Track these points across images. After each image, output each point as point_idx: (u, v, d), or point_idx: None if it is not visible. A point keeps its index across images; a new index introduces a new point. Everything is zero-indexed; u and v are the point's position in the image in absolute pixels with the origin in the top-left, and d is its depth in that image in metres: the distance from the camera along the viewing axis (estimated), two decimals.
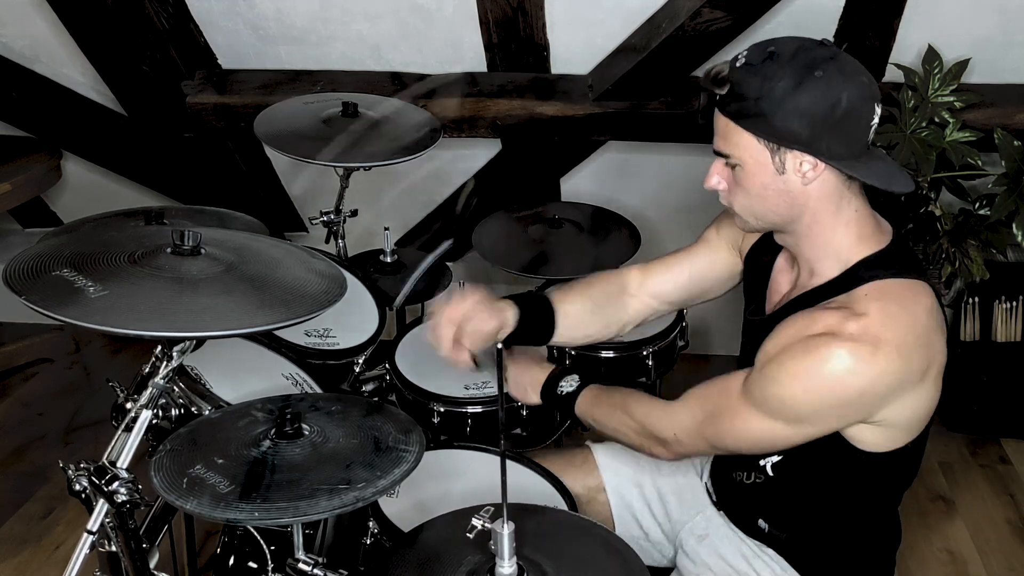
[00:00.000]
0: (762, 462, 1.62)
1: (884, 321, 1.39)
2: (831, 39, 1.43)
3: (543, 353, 1.90)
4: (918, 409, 1.47)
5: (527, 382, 1.82)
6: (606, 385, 1.75)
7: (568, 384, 1.77)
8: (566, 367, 1.83)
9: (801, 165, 1.41)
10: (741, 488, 1.69)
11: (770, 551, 1.66)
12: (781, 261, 1.63)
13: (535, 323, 1.77)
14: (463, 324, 1.69)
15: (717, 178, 1.50)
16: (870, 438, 1.47)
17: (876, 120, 1.41)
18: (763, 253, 1.67)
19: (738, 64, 1.41)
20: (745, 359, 1.64)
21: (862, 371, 1.38)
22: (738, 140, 1.43)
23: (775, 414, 1.45)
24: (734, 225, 1.60)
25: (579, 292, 1.84)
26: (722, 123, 1.44)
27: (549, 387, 1.78)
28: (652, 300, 1.85)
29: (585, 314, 1.82)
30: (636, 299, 1.85)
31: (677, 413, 1.60)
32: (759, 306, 1.65)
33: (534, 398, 1.82)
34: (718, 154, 1.48)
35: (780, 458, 1.59)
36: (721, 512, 1.76)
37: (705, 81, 1.45)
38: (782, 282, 1.62)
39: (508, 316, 1.72)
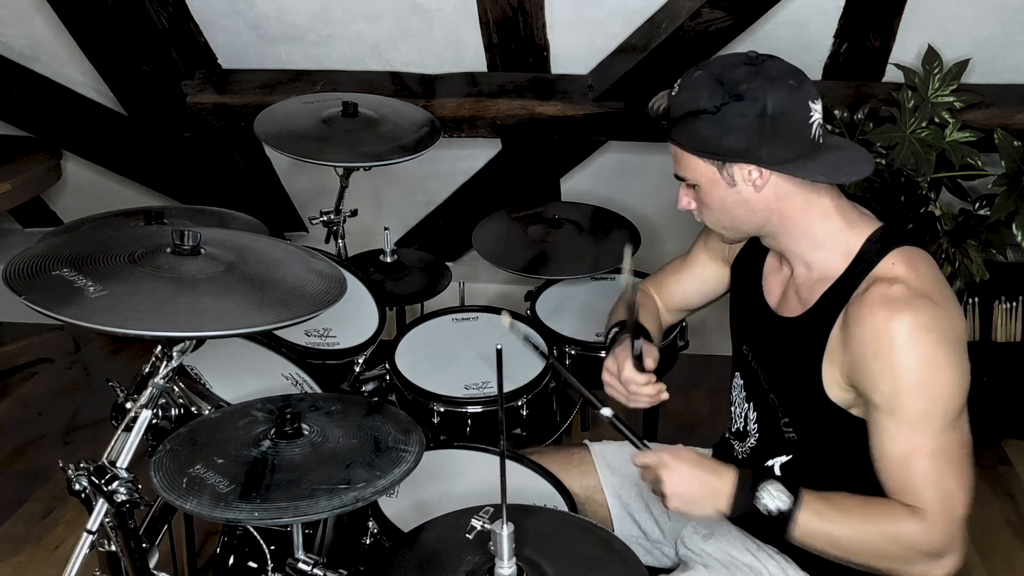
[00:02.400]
0: (770, 463, 1.63)
1: (920, 279, 1.44)
2: (755, 52, 1.49)
3: (696, 455, 1.54)
4: (965, 384, 1.48)
5: (704, 498, 1.48)
6: (815, 492, 1.46)
7: (774, 497, 1.44)
8: (751, 471, 1.50)
9: (749, 174, 1.47)
10: None
11: (770, 548, 1.66)
12: (770, 261, 1.66)
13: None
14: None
15: (686, 199, 1.58)
16: None
17: (816, 116, 1.45)
18: (751, 257, 1.71)
19: (673, 93, 1.49)
20: (759, 358, 1.65)
21: (939, 322, 1.40)
22: (687, 163, 1.50)
23: (948, 414, 1.41)
24: (717, 238, 1.67)
25: (644, 312, 1.85)
26: (673, 149, 1.53)
27: (742, 501, 1.46)
28: (670, 314, 1.95)
29: (656, 329, 1.86)
30: (663, 315, 1.94)
31: (924, 512, 1.40)
32: (761, 306, 1.65)
33: (714, 514, 1.49)
34: (678, 178, 1.55)
35: (789, 458, 1.60)
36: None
37: (651, 113, 1.53)
38: (774, 283, 1.64)
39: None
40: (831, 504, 1.45)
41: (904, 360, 1.40)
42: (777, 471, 1.61)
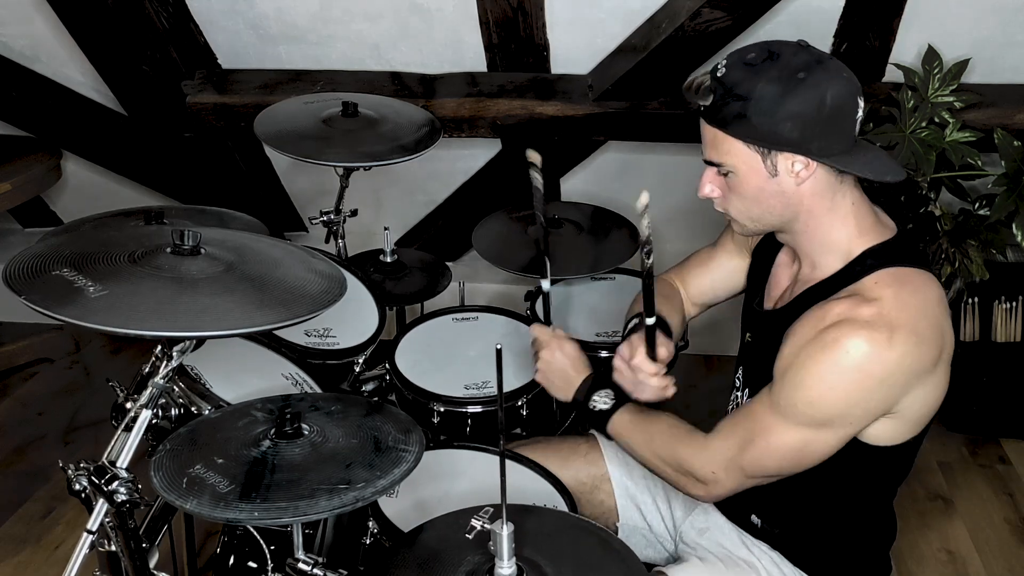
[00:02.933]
0: None
1: (897, 306, 1.40)
2: (805, 40, 1.45)
3: (577, 351, 1.80)
4: (929, 399, 1.48)
5: (558, 379, 1.77)
6: (638, 406, 1.69)
7: (602, 400, 1.70)
8: (599, 376, 1.74)
9: (793, 165, 1.43)
10: None
11: (764, 544, 1.67)
12: (782, 256, 1.66)
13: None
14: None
15: (710, 187, 1.54)
16: (883, 432, 1.48)
17: (861, 113, 1.44)
18: (767, 248, 1.70)
19: (719, 74, 1.43)
20: (750, 349, 1.65)
21: (881, 356, 1.38)
22: (728, 147, 1.45)
23: (807, 421, 1.44)
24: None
25: (666, 304, 1.84)
26: (710, 133, 1.47)
27: (581, 396, 1.73)
28: (692, 307, 1.94)
29: (678, 323, 1.86)
30: (686, 305, 1.93)
31: (712, 448, 1.56)
32: (759, 301, 1.66)
33: (561, 397, 1.77)
34: (709, 163, 1.50)
35: None
36: (717, 507, 1.77)
37: (688, 94, 1.47)
38: (782, 276, 1.64)
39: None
40: (640, 419, 1.65)
41: (813, 356, 1.41)
42: None
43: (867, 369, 1.39)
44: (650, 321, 1.66)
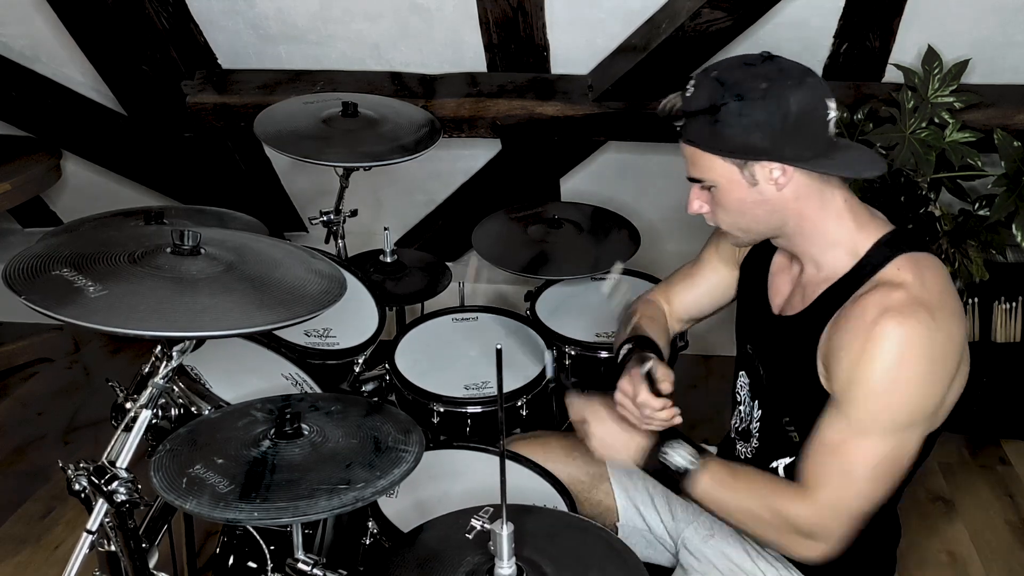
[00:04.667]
0: (774, 464, 1.63)
1: (924, 287, 1.43)
2: (768, 52, 1.48)
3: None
4: (959, 384, 1.49)
5: (618, 442, 1.64)
6: (723, 459, 1.60)
7: (680, 455, 1.56)
8: (671, 432, 1.62)
9: (771, 173, 1.46)
10: None
11: (768, 554, 1.66)
12: (778, 260, 1.66)
13: None
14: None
15: (698, 203, 1.55)
16: None
17: (832, 114, 1.45)
18: (758, 257, 1.71)
19: (688, 95, 1.47)
20: (753, 359, 1.65)
21: (933, 337, 1.40)
22: (706, 163, 1.48)
23: (893, 427, 1.43)
24: (728, 241, 1.65)
25: (653, 327, 1.83)
26: (688, 151, 1.50)
27: (652, 455, 1.59)
28: (678, 323, 1.93)
29: (665, 345, 1.84)
30: (671, 323, 1.92)
31: (815, 497, 1.46)
32: (764, 305, 1.65)
33: (624, 459, 1.64)
34: (692, 180, 1.53)
35: (793, 460, 1.59)
36: None
37: (662, 114, 1.51)
38: (782, 282, 1.64)
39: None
40: (729, 473, 1.54)
41: (874, 360, 1.41)
42: (781, 472, 1.61)
43: (925, 353, 1.40)
44: (647, 366, 1.63)
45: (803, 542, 1.48)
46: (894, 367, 1.40)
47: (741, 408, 1.73)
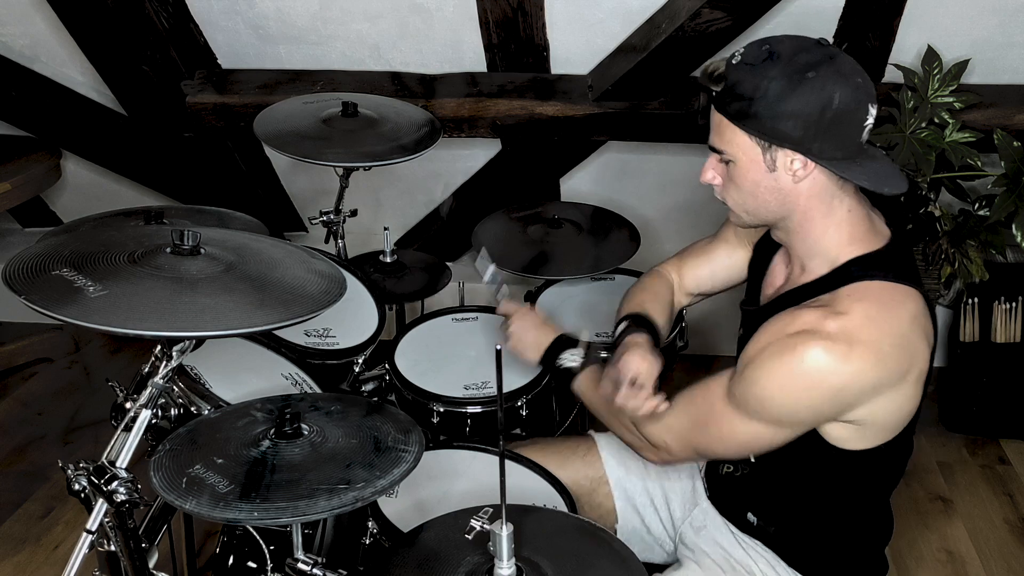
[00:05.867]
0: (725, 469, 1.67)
1: (863, 322, 1.40)
2: (829, 39, 1.42)
3: (545, 316, 1.93)
4: (894, 411, 1.48)
5: (530, 341, 1.86)
6: (607, 370, 1.71)
7: (571, 358, 1.79)
8: (569, 337, 1.83)
9: (792, 163, 1.43)
10: (730, 481, 1.72)
11: (759, 545, 1.67)
12: (779, 256, 1.66)
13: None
14: (643, 376, 1.66)
15: (712, 173, 1.53)
16: (844, 436, 1.49)
17: (871, 121, 1.42)
18: (767, 246, 1.70)
19: (735, 62, 1.43)
20: (741, 344, 1.66)
21: (836, 369, 1.39)
22: (731, 137, 1.45)
23: (757, 416, 1.48)
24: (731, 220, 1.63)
25: (655, 302, 1.86)
26: (717, 119, 1.47)
27: (551, 354, 1.82)
28: (686, 296, 1.94)
29: (665, 322, 1.86)
30: (678, 296, 1.93)
31: (667, 420, 1.60)
32: (754, 296, 1.67)
33: (532, 358, 1.86)
34: (713, 149, 1.51)
35: (753, 460, 1.62)
36: (714, 505, 1.77)
37: (702, 77, 1.47)
38: (777, 276, 1.65)
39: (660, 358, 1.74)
40: (602, 381, 1.68)
41: (775, 362, 1.43)
42: (752, 460, 1.62)
43: (820, 379, 1.40)
44: (632, 374, 1.65)
45: (648, 449, 1.64)
46: (784, 372, 1.42)
47: None
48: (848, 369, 1.39)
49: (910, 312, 1.45)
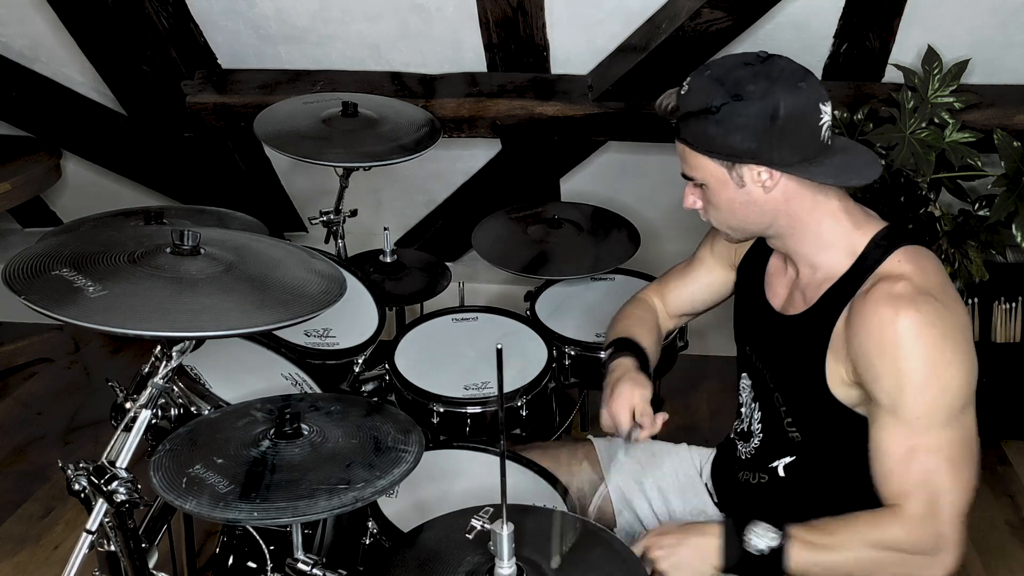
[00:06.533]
0: (773, 463, 1.63)
1: (925, 276, 1.44)
2: (766, 52, 1.48)
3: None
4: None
5: (693, 557, 1.49)
6: (801, 525, 1.47)
7: (761, 536, 1.45)
8: (737, 519, 1.50)
9: (759, 175, 1.46)
10: (747, 488, 1.70)
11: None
12: (774, 263, 1.66)
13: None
14: (637, 408, 1.66)
15: (692, 198, 1.57)
16: None
17: (826, 118, 1.45)
18: (755, 259, 1.71)
19: (683, 92, 1.48)
20: (755, 360, 1.65)
21: (944, 318, 1.41)
22: (696, 162, 1.50)
23: (951, 413, 1.41)
24: (724, 241, 1.67)
25: (639, 326, 1.85)
26: (680, 148, 1.52)
27: (733, 549, 1.47)
28: (671, 319, 1.95)
29: (652, 343, 1.85)
30: (663, 320, 1.94)
31: (906, 513, 1.41)
32: (764, 306, 1.65)
33: (708, 569, 1.49)
34: (685, 177, 1.54)
35: (793, 459, 1.60)
36: (723, 513, 1.76)
37: (659, 111, 1.52)
38: (778, 284, 1.64)
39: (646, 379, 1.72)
40: (817, 530, 1.45)
41: (909, 358, 1.40)
42: (781, 472, 1.61)
43: (947, 333, 1.40)
44: (633, 433, 1.65)
45: (922, 561, 1.41)
46: (928, 355, 1.40)
47: (743, 410, 1.73)
48: (951, 314, 1.42)
49: (942, 267, 1.51)
